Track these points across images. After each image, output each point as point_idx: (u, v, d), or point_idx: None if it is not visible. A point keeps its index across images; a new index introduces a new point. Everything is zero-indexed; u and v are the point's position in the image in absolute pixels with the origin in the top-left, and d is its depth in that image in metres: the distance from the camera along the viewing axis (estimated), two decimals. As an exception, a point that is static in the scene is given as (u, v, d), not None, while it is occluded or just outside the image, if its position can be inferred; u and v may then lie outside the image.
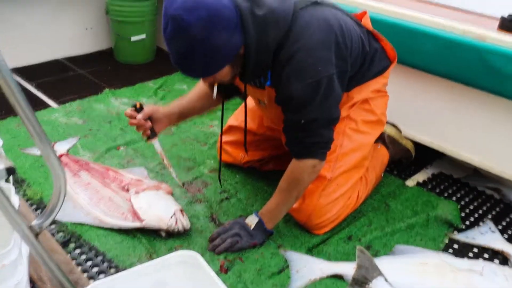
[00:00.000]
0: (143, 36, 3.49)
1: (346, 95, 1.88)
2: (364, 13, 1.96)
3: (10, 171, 1.04)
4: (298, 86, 1.62)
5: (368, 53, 1.85)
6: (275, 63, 1.64)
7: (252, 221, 1.84)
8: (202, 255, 1.73)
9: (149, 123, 1.93)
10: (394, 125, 2.35)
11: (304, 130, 1.71)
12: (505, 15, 2.04)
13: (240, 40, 1.54)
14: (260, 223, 1.83)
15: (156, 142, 1.97)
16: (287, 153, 1.91)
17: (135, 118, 1.90)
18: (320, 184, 1.88)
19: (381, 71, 1.95)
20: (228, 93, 1.99)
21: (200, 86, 2.05)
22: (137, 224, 1.86)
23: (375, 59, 1.90)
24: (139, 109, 1.91)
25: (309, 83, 1.62)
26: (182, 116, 2.06)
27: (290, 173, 1.81)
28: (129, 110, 1.91)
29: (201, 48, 1.48)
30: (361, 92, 1.92)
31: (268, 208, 1.86)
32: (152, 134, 1.95)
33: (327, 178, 1.88)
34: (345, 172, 1.92)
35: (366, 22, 1.93)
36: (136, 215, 1.89)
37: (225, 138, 2.24)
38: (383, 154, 2.27)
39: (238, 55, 1.57)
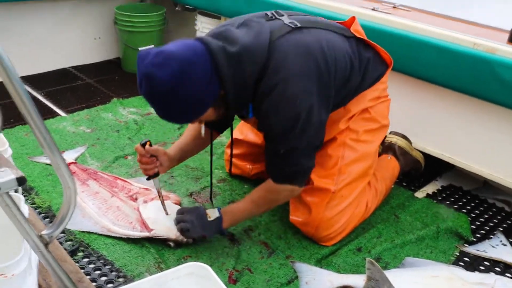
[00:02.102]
0: (151, 46, 3.46)
1: (343, 109, 1.87)
2: (353, 19, 1.92)
3: (21, 181, 1.04)
4: (276, 120, 1.62)
5: (359, 66, 1.82)
6: (255, 96, 1.62)
7: (212, 214, 1.83)
8: (211, 265, 1.73)
9: (157, 163, 1.88)
10: (404, 137, 2.34)
11: (284, 159, 1.70)
12: (515, 27, 2.04)
13: (218, 84, 1.52)
14: (218, 220, 1.82)
15: (156, 180, 1.92)
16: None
17: (144, 155, 1.84)
18: (325, 197, 1.86)
19: (377, 78, 1.91)
20: (220, 127, 1.99)
21: (193, 127, 2.01)
22: (145, 234, 1.85)
23: (368, 69, 1.86)
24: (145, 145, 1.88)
25: (287, 117, 1.60)
26: (181, 160, 2.04)
27: (266, 192, 1.81)
28: (139, 146, 1.84)
29: (177, 102, 1.47)
30: (358, 104, 1.89)
31: (232, 209, 1.86)
32: (155, 174, 1.90)
33: (331, 191, 1.86)
34: (349, 184, 1.90)
35: (356, 29, 1.88)
36: (144, 225, 1.88)
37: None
38: (394, 166, 2.25)
39: (218, 96, 1.55)
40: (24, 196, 2.06)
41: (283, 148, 1.67)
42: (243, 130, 2.22)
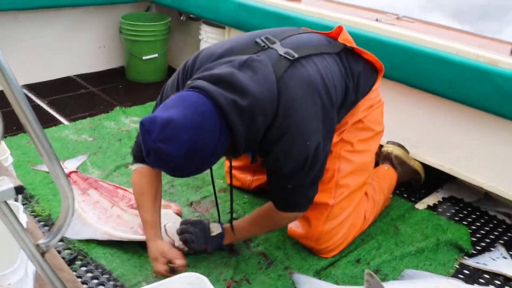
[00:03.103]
0: (155, 55, 3.52)
1: (338, 125, 1.84)
2: (340, 28, 1.86)
3: (19, 190, 1.04)
4: (287, 163, 1.58)
5: (352, 84, 1.79)
6: (262, 142, 1.56)
7: (215, 229, 1.85)
8: (209, 276, 1.72)
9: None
10: (401, 146, 2.33)
11: (291, 193, 1.69)
12: (517, 39, 2.04)
13: (227, 136, 1.44)
14: (220, 236, 1.84)
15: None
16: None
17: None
18: (324, 211, 1.86)
19: (369, 89, 1.88)
20: None
21: (139, 178, 1.83)
22: (142, 238, 1.85)
23: (360, 83, 1.82)
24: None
25: (298, 159, 1.58)
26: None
27: (269, 216, 1.81)
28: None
29: (189, 168, 1.42)
30: (352, 116, 1.87)
31: (234, 228, 1.86)
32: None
33: (329, 205, 1.85)
34: (347, 196, 1.89)
35: (345, 38, 1.84)
36: (145, 230, 1.88)
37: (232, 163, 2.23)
38: (391, 176, 2.25)
39: (228, 146, 1.49)
40: (25, 204, 2.07)
41: (291, 184, 1.66)
42: None
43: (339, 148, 1.88)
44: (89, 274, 1.75)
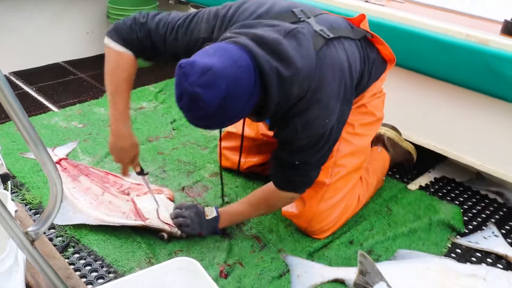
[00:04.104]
0: (144, 39, 3.47)
1: None
2: (363, 16, 1.88)
3: (5, 177, 1.03)
4: (304, 136, 1.60)
5: (368, 70, 1.82)
6: (287, 111, 1.58)
7: (210, 213, 1.85)
8: (202, 260, 1.74)
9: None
10: (393, 128, 2.33)
11: (295, 169, 1.69)
12: (508, 18, 2.02)
13: (257, 98, 1.44)
14: (215, 220, 1.84)
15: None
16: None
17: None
18: (319, 190, 1.86)
19: (377, 77, 1.91)
20: None
21: (116, 60, 1.79)
22: (140, 222, 1.85)
23: (372, 71, 1.86)
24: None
25: (315, 135, 1.60)
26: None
27: (266, 196, 1.81)
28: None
29: (218, 119, 1.41)
30: (357, 101, 1.88)
31: (230, 211, 1.87)
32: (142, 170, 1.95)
33: (326, 184, 1.86)
34: (344, 176, 1.90)
35: (365, 26, 1.87)
36: (139, 214, 1.88)
37: (224, 143, 2.23)
38: (384, 158, 2.25)
39: (255, 106, 1.49)
40: (15, 192, 2.05)
41: (298, 160, 1.66)
42: (237, 124, 2.20)
43: None
44: (82, 261, 1.74)
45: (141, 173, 1.95)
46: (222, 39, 1.50)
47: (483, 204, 2.22)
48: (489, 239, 1.97)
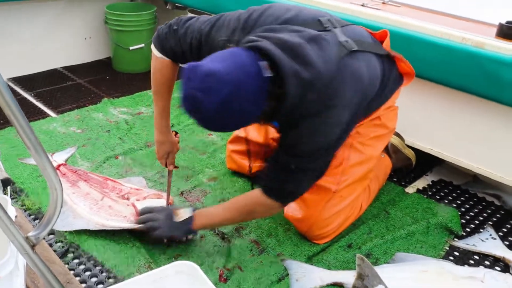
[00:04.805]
0: (141, 45, 3.49)
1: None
2: (385, 33, 1.88)
3: (5, 182, 1.03)
4: (308, 141, 1.58)
5: (385, 86, 1.81)
6: (297, 113, 1.57)
7: (183, 214, 1.80)
8: (201, 264, 1.74)
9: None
10: (398, 135, 2.34)
11: (289, 175, 1.66)
12: (503, 22, 2.04)
13: (265, 102, 1.42)
14: (188, 220, 1.79)
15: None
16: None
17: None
18: (325, 196, 1.86)
19: (392, 93, 1.91)
20: None
21: (158, 66, 1.87)
22: (140, 226, 1.84)
23: (389, 86, 1.85)
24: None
25: (320, 142, 1.59)
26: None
27: (245, 202, 1.78)
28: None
29: (220, 122, 1.41)
30: (371, 115, 1.89)
31: (206, 214, 1.82)
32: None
33: (332, 191, 1.86)
34: (350, 185, 1.89)
35: (387, 45, 1.87)
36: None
37: (233, 147, 2.26)
38: (387, 164, 2.26)
39: (263, 112, 1.47)
40: (14, 198, 2.06)
41: (295, 164, 1.64)
42: (246, 128, 2.20)
43: (352, 138, 1.88)
44: (82, 266, 1.74)
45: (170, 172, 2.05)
46: (245, 41, 1.50)
47: (480, 207, 2.23)
48: (487, 242, 1.98)
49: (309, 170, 1.67)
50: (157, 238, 1.81)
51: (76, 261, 1.77)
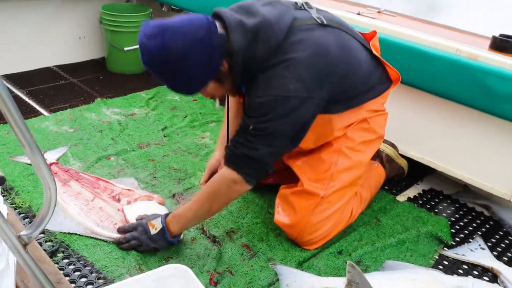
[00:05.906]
0: (136, 46, 3.47)
1: (340, 116, 1.83)
2: (374, 33, 1.90)
3: (0, 181, 1.03)
4: (263, 94, 1.59)
5: (369, 77, 1.83)
6: (254, 67, 1.61)
7: (156, 225, 1.78)
8: (192, 267, 1.74)
9: None
10: (392, 145, 2.35)
11: (248, 137, 1.62)
12: (496, 34, 2.07)
13: (219, 60, 1.53)
14: (162, 231, 1.78)
15: None
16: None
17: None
18: (313, 202, 1.86)
19: (380, 93, 1.92)
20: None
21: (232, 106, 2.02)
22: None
23: (375, 83, 1.87)
24: None
25: (274, 95, 1.57)
26: None
27: (209, 184, 1.74)
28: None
29: (168, 74, 1.50)
30: (356, 114, 1.88)
31: (176, 214, 1.79)
32: None
33: (320, 196, 1.86)
34: (338, 190, 1.89)
35: (374, 44, 1.88)
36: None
37: None
38: (380, 173, 2.27)
39: (220, 72, 1.56)
40: (4, 196, 2.04)
41: (253, 125, 1.60)
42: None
43: (341, 143, 1.88)
44: (71, 266, 1.73)
45: None
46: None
47: (470, 217, 2.25)
48: (476, 252, 1.99)
49: (267, 134, 1.61)
50: (144, 251, 1.81)
51: (66, 261, 1.76)
